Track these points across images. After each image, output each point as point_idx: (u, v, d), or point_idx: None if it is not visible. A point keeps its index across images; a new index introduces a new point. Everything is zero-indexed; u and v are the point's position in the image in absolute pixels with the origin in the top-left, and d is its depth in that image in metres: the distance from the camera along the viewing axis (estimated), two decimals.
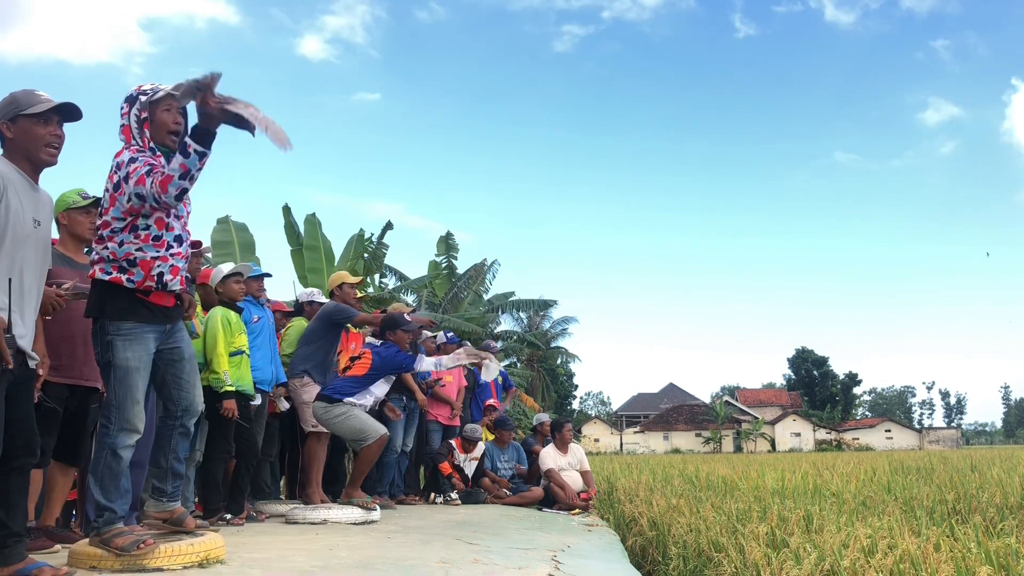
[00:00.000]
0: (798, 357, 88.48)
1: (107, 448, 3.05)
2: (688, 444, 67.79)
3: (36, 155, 2.86)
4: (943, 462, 14.29)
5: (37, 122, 2.83)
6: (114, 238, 3.09)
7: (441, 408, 8.08)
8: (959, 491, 7.53)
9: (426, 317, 7.61)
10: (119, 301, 3.08)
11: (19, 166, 2.84)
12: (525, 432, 15.37)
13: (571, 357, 46.17)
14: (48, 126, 2.85)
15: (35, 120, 2.82)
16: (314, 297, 6.88)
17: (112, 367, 3.08)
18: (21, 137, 2.83)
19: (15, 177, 2.80)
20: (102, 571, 2.89)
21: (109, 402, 3.10)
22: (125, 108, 3.23)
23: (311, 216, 16.09)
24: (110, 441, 3.06)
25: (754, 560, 4.43)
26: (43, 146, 2.85)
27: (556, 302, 27.19)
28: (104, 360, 3.10)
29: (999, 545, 4.11)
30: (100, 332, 3.10)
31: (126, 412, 3.07)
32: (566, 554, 4.26)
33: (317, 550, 3.69)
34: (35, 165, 2.89)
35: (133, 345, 3.09)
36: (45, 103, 2.84)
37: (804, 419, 71.01)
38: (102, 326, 3.09)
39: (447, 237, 21.72)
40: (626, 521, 7.45)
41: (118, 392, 3.07)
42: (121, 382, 3.07)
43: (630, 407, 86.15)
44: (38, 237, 2.87)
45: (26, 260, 2.80)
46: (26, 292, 2.81)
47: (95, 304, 3.11)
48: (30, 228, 2.81)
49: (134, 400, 3.08)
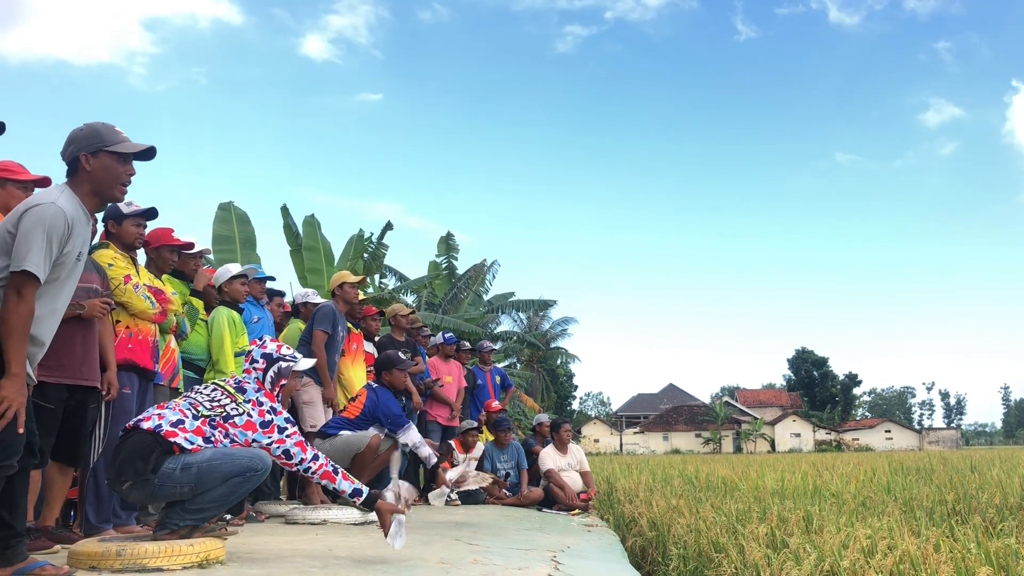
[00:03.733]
0: (798, 357, 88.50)
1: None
2: (688, 445, 67.79)
3: (110, 192, 2.83)
4: (943, 463, 14.28)
5: (118, 160, 2.82)
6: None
7: (440, 409, 8.08)
8: (959, 492, 7.52)
9: (417, 366, 7.61)
10: None
11: (83, 199, 2.79)
12: (525, 432, 15.37)
13: (571, 357, 46.28)
14: (126, 165, 2.85)
15: (117, 158, 2.81)
16: (308, 298, 6.86)
17: None
18: (99, 172, 2.79)
19: (79, 216, 2.75)
20: (102, 571, 2.89)
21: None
22: (261, 363, 3.55)
23: (310, 217, 16.09)
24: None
25: (754, 561, 4.43)
26: (118, 184, 2.84)
27: (556, 302, 27.24)
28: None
29: (999, 546, 4.11)
30: None
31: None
32: (566, 554, 4.26)
33: (317, 550, 3.69)
34: (103, 200, 2.87)
35: None
36: (129, 144, 2.82)
37: (804, 420, 71.02)
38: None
39: (447, 237, 21.72)
40: (626, 521, 7.45)
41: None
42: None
43: (630, 408, 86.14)
44: (78, 269, 2.86)
45: (65, 293, 2.81)
46: (57, 321, 2.82)
47: None
48: (75, 263, 2.79)
49: None
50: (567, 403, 67.17)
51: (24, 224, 2.60)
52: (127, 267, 4.19)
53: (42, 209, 2.62)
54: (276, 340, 4.02)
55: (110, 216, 4.22)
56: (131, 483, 3.17)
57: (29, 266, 2.56)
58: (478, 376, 8.92)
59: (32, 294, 2.59)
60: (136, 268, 4.29)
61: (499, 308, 23.22)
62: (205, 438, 3.25)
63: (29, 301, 2.58)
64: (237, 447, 3.31)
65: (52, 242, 2.62)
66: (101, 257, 4.09)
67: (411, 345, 7.63)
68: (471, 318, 19.90)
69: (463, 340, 9.47)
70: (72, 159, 2.79)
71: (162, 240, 4.67)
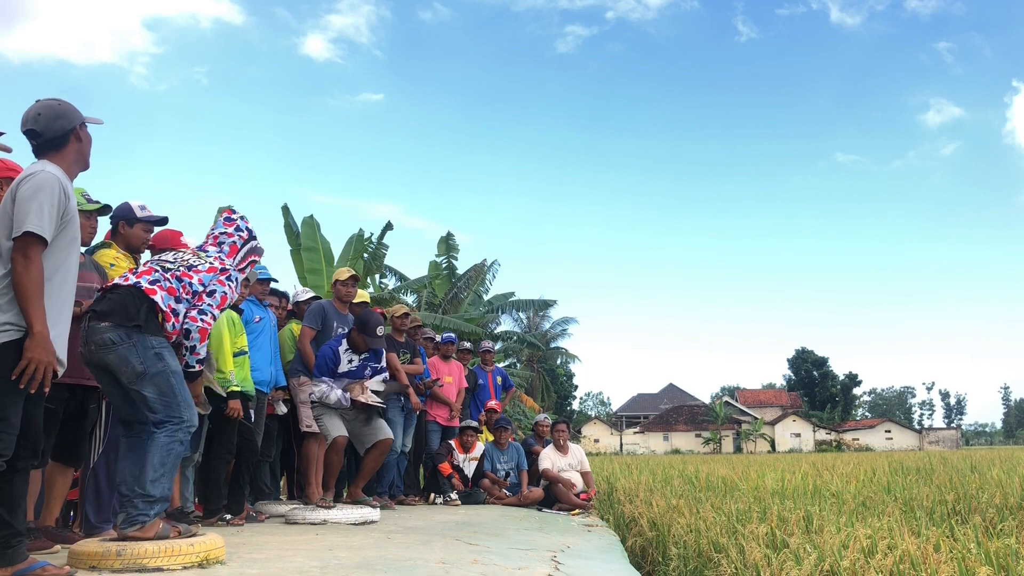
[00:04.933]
0: (798, 357, 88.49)
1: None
2: (688, 445, 67.79)
3: (88, 161, 3.08)
4: (943, 463, 14.29)
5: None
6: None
7: (440, 409, 8.08)
8: (959, 492, 7.53)
9: (416, 367, 7.58)
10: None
11: (67, 170, 2.94)
12: (525, 433, 15.38)
13: (571, 357, 46.25)
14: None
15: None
16: (298, 297, 6.86)
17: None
18: (86, 144, 3.02)
19: (67, 182, 2.88)
20: (102, 571, 2.89)
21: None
22: (245, 233, 3.73)
23: (309, 218, 16.08)
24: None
25: (754, 561, 4.43)
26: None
27: (556, 302, 27.22)
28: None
29: (999, 546, 4.11)
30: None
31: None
32: (566, 554, 4.26)
33: (317, 550, 3.69)
34: (83, 169, 3.07)
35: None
36: (91, 117, 3.07)
37: (804, 420, 71.01)
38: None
39: (447, 237, 21.71)
40: (626, 521, 7.45)
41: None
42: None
43: (630, 408, 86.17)
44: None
45: (75, 253, 2.95)
46: (73, 288, 2.93)
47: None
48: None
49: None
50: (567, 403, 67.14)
51: (21, 193, 2.70)
52: (129, 267, 4.19)
53: (36, 177, 2.73)
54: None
55: (122, 217, 4.23)
56: (112, 330, 3.16)
57: (30, 227, 2.64)
58: (479, 376, 8.93)
59: (39, 255, 2.67)
60: (138, 269, 4.29)
61: (499, 308, 23.20)
62: (176, 298, 3.34)
63: (37, 262, 2.66)
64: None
65: (52, 204, 2.71)
66: (103, 257, 4.09)
67: (411, 346, 7.63)
68: (471, 318, 19.90)
69: (464, 340, 9.47)
70: (64, 133, 2.90)
71: (169, 243, 4.66)
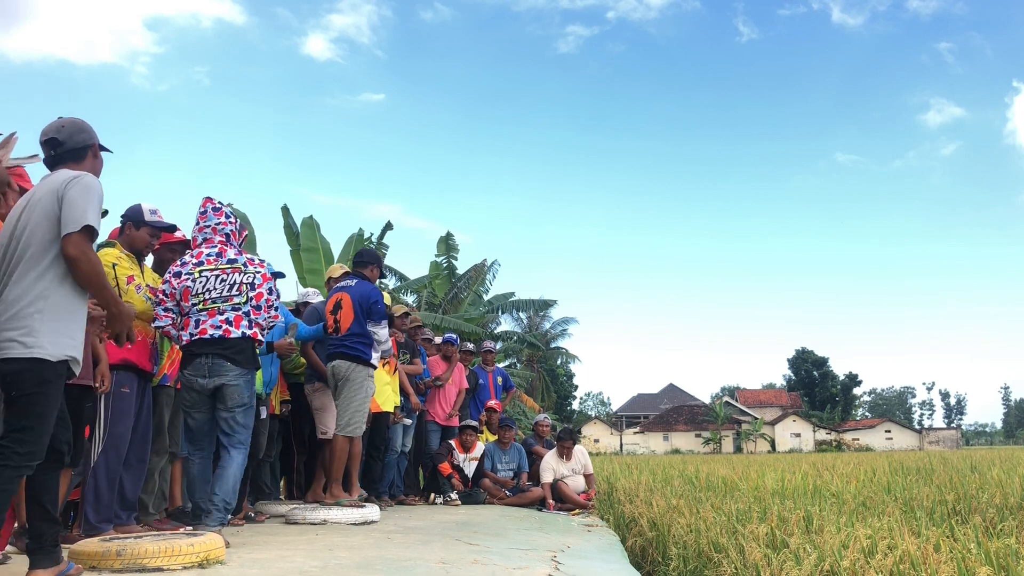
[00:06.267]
0: (798, 357, 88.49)
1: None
2: (688, 445, 67.78)
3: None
4: (943, 463, 14.29)
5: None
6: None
7: (439, 408, 8.08)
8: (959, 492, 7.52)
9: (415, 367, 7.65)
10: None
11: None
12: (525, 433, 15.37)
13: (571, 358, 46.24)
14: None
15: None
16: (308, 298, 6.82)
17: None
18: (100, 162, 3.13)
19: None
20: (102, 571, 2.89)
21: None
22: (233, 218, 4.37)
23: (308, 219, 16.09)
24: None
25: (754, 561, 4.43)
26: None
27: (556, 302, 27.22)
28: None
29: (999, 546, 4.11)
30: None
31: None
32: (566, 554, 4.26)
33: (317, 550, 3.69)
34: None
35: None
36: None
37: (804, 420, 71.01)
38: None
39: (447, 237, 21.71)
40: (626, 521, 7.45)
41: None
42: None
43: (630, 408, 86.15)
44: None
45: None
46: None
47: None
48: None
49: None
50: (567, 403, 67.11)
51: (71, 194, 2.76)
52: (131, 268, 4.20)
53: (84, 179, 2.83)
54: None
55: (131, 218, 4.24)
56: (242, 376, 4.02)
57: (90, 221, 2.74)
58: (480, 376, 8.93)
59: (92, 247, 2.80)
60: (140, 269, 4.30)
61: (499, 308, 23.20)
62: (261, 326, 4.16)
63: (93, 251, 2.79)
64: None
65: (100, 204, 2.84)
66: (106, 256, 4.09)
67: (410, 346, 7.62)
68: (471, 318, 19.90)
69: (465, 341, 9.48)
70: (85, 146, 3.00)
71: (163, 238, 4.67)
